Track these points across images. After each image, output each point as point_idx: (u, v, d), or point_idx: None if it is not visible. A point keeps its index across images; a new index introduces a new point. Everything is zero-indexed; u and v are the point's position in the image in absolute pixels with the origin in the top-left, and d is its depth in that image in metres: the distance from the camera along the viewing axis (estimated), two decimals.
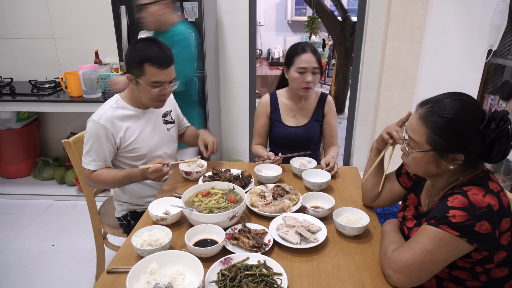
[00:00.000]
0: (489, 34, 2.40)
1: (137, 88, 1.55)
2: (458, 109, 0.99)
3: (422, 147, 1.04)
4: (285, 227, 1.27)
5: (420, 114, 1.04)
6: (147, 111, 1.67)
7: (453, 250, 0.97)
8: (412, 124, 1.07)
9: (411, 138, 1.07)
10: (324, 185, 1.58)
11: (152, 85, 1.51)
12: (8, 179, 3.33)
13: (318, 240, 1.21)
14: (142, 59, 1.48)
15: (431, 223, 0.99)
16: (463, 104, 1.00)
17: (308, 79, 1.83)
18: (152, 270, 1.03)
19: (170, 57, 1.53)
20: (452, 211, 0.96)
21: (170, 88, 1.58)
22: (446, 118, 0.99)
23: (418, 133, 1.04)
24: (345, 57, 5.26)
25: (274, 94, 2.04)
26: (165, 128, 1.76)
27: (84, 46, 3.13)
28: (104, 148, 1.55)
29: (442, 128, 0.99)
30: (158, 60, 1.48)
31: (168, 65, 1.52)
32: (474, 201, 0.95)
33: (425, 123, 1.02)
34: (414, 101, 3.18)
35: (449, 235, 0.95)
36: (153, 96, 1.55)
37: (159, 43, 1.52)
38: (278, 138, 2.02)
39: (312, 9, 5.12)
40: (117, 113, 1.58)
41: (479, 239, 0.94)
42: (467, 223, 0.93)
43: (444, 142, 1.00)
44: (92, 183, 1.60)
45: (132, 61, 1.51)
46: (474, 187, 1.00)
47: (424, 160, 1.05)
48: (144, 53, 1.48)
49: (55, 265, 2.29)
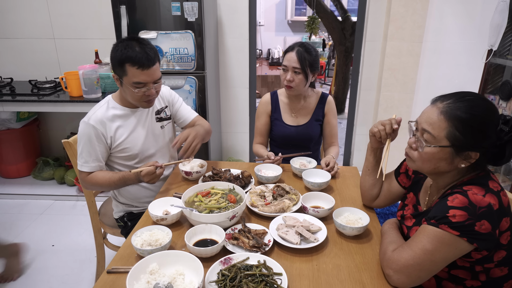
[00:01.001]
0: (489, 34, 2.40)
1: (122, 88, 1.55)
2: (485, 108, 0.99)
3: (440, 142, 1.02)
4: (285, 227, 1.27)
5: (441, 109, 1.01)
6: (138, 110, 1.65)
7: (453, 250, 0.97)
8: (430, 118, 1.03)
9: (428, 132, 1.03)
10: (324, 185, 1.58)
11: (134, 86, 1.49)
12: (8, 179, 3.33)
13: (318, 240, 1.21)
14: (122, 59, 1.45)
15: (431, 223, 0.99)
16: (487, 103, 1.01)
17: (287, 77, 1.83)
18: (152, 270, 1.03)
19: (152, 57, 1.48)
20: (452, 210, 0.95)
21: (156, 89, 1.55)
22: (473, 115, 0.98)
23: (437, 127, 1.01)
24: (345, 57, 5.26)
25: (275, 93, 2.04)
26: (158, 126, 1.72)
27: (84, 46, 3.13)
28: (96, 148, 1.54)
29: (467, 124, 0.98)
30: (137, 60, 1.44)
31: (150, 65, 1.47)
32: (474, 200, 0.95)
33: (448, 118, 1.00)
34: (414, 101, 3.18)
35: (449, 235, 0.95)
36: (138, 97, 1.53)
37: (142, 43, 1.48)
38: (278, 137, 2.02)
39: (312, 9, 5.11)
40: (108, 113, 1.57)
41: (479, 239, 0.94)
42: (467, 223, 0.93)
43: (464, 139, 0.99)
44: (89, 186, 1.60)
45: (114, 61, 1.49)
46: (474, 186, 1.00)
47: (438, 156, 1.03)
48: (124, 53, 1.45)
49: (55, 265, 2.29)
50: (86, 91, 2.77)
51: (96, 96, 2.79)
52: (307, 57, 1.81)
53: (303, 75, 1.83)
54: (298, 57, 1.80)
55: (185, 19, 2.48)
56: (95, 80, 2.78)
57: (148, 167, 1.49)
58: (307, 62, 1.81)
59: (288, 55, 1.84)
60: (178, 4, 2.45)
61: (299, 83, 1.84)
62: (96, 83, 2.79)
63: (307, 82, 1.87)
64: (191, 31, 2.51)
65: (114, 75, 1.54)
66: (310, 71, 1.84)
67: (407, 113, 3.19)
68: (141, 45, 1.47)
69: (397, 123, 1.27)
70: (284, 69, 1.86)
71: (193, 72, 2.62)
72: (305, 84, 1.88)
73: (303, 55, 1.80)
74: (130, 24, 2.51)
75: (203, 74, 2.64)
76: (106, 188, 1.61)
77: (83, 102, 2.75)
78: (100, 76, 2.86)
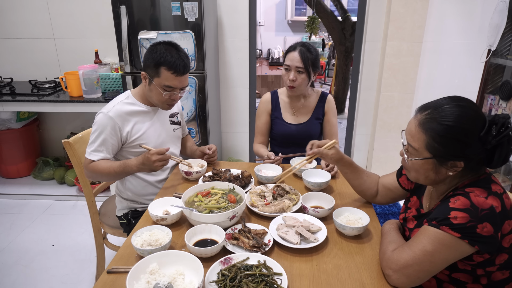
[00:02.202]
0: (488, 34, 2.40)
1: (149, 87, 1.60)
2: (458, 116, 0.97)
3: (422, 154, 1.03)
4: (285, 227, 1.27)
5: (419, 120, 1.02)
6: (156, 109, 1.72)
7: (453, 252, 0.96)
8: (411, 131, 1.05)
9: (410, 145, 1.05)
10: (324, 185, 1.58)
11: (164, 88, 1.56)
12: (8, 179, 3.33)
13: (318, 240, 1.21)
14: (160, 62, 1.52)
15: (432, 224, 0.98)
16: (463, 110, 0.98)
17: (290, 77, 1.84)
18: (152, 270, 1.03)
19: (187, 65, 1.57)
20: (454, 212, 0.95)
21: (180, 94, 1.63)
22: (445, 126, 0.97)
23: (417, 139, 1.02)
24: (345, 57, 5.26)
25: (275, 92, 2.04)
26: (172, 128, 1.80)
27: (84, 46, 3.13)
28: (108, 140, 1.57)
29: (441, 135, 0.98)
30: (175, 66, 1.52)
31: (183, 73, 1.56)
32: (476, 202, 0.94)
33: (424, 130, 1.00)
34: (414, 101, 3.18)
35: (450, 237, 0.95)
36: (163, 99, 1.60)
37: (179, 50, 1.57)
38: (279, 136, 2.02)
39: (312, 9, 5.11)
40: (127, 108, 1.62)
41: (481, 241, 0.94)
42: (469, 225, 0.93)
43: (443, 149, 0.99)
44: (90, 173, 1.61)
45: (149, 61, 1.55)
46: (477, 188, 0.99)
47: (424, 167, 1.04)
48: (163, 56, 1.52)
49: (55, 265, 2.29)
50: (86, 91, 2.77)
51: (96, 96, 2.79)
52: (310, 56, 1.82)
53: (306, 74, 1.85)
54: (301, 56, 1.81)
55: (185, 19, 2.49)
56: (95, 80, 2.78)
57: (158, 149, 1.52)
58: (309, 61, 1.82)
59: (290, 54, 1.84)
60: (178, 4, 2.45)
61: (301, 83, 1.85)
62: (96, 83, 2.80)
63: (309, 81, 1.89)
64: (191, 31, 2.51)
65: (143, 73, 1.59)
66: (312, 70, 1.85)
67: (407, 113, 3.19)
68: (179, 52, 1.56)
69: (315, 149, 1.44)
70: (286, 68, 1.86)
71: (193, 72, 2.62)
72: (308, 84, 1.89)
73: (305, 54, 1.81)
74: (130, 24, 2.52)
75: (203, 74, 2.64)
76: (106, 177, 1.63)
77: (83, 102, 2.75)
78: (100, 76, 2.86)
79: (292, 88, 1.87)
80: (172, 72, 1.52)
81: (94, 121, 1.59)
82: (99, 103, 2.75)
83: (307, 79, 1.86)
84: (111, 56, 3.11)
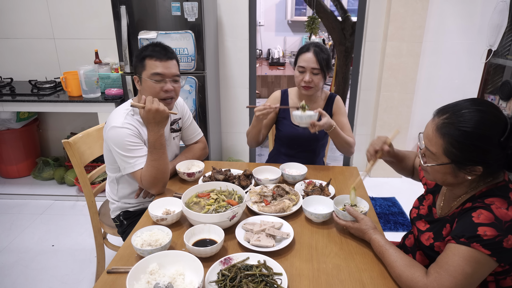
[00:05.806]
0: (488, 34, 2.40)
1: (142, 86, 1.59)
2: (477, 122, 0.94)
3: (439, 159, 1.01)
4: (255, 234, 1.24)
5: (437, 124, 1.00)
6: None
7: (487, 270, 0.94)
8: (428, 135, 1.02)
9: (428, 149, 1.03)
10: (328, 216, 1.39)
11: (152, 78, 1.54)
12: (8, 179, 3.33)
13: (289, 235, 1.22)
14: (143, 56, 1.56)
15: (461, 241, 0.94)
16: (483, 115, 0.95)
17: (306, 79, 1.82)
18: (152, 270, 1.03)
19: (169, 52, 1.58)
20: (482, 228, 0.92)
21: (173, 84, 1.59)
22: (464, 131, 0.94)
23: (435, 144, 1.00)
24: (345, 57, 5.25)
25: (286, 91, 2.03)
26: (172, 136, 1.78)
27: (84, 46, 3.13)
28: (140, 142, 1.54)
29: (459, 141, 0.95)
30: (155, 52, 1.55)
31: (166, 56, 1.56)
32: (499, 215, 0.93)
33: (442, 135, 0.98)
34: (414, 101, 3.18)
35: (482, 255, 0.92)
36: (156, 92, 1.56)
37: (164, 46, 1.59)
38: (285, 137, 2.01)
39: (312, 9, 5.11)
40: (133, 118, 1.58)
41: (506, 256, 0.92)
42: (497, 239, 0.91)
43: (462, 155, 0.96)
44: (148, 183, 1.51)
45: (135, 60, 1.59)
46: (496, 199, 0.97)
47: (442, 171, 1.03)
48: (144, 49, 1.57)
49: (55, 265, 2.29)
50: (86, 91, 2.77)
51: (95, 96, 2.79)
52: (324, 57, 1.81)
53: (322, 75, 1.83)
54: (316, 57, 1.79)
55: (185, 19, 2.49)
56: (95, 80, 2.78)
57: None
58: (324, 61, 1.81)
59: (304, 56, 1.82)
60: (178, 4, 2.45)
61: (318, 83, 1.84)
62: (96, 83, 2.80)
63: (324, 81, 1.88)
64: (191, 31, 2.51)
65: (135, 78, 1.61)
66: (326, 70, 1.84)
67: (407, 113, 3.20)
68: (160, 44, 1.59)
69: (387, 144, 1.32)
70: (301, 71, 1.83)
71: (193, 72, 2.63)
72: (323, 84, 1.89)
73: (320, 55, 1.80)
74: (130, 24, 2.52)
75: (203, 74, 2.64)
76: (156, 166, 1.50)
77: (83, 102, 2.75)
78: (100, 76, 2.86)
79: (309, 88, 1.86)
80: (155, 59, 1.54)
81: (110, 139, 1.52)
82: (99, 103, 2.75)
83: (322, 79, 1.85)
84: (111, 56, 3.12)
